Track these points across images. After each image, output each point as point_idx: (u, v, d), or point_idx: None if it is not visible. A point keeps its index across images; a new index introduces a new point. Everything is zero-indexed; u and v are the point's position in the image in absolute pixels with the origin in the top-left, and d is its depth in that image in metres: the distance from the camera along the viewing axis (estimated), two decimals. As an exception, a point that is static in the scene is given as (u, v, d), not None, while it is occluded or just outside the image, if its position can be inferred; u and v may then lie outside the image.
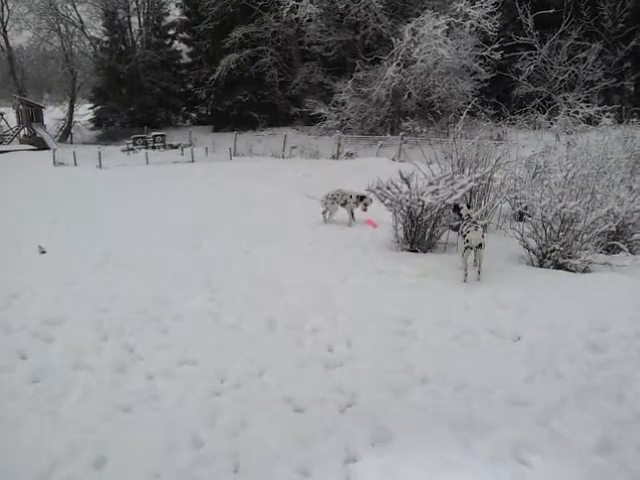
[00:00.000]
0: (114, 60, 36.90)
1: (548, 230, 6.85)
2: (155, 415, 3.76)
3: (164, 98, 38.01)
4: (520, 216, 8.84)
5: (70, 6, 37.89)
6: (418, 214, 7.59)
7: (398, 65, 24.49)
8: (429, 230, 7.84)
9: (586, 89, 25.30)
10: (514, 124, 23.01)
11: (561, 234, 6.77)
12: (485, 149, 9.26)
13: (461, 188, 7.56)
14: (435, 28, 23.24)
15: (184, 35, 39.00)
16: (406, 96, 25.36)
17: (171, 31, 39.77)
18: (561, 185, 7.00)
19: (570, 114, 23.28)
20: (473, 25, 23.89)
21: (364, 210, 9.73)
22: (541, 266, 6.97)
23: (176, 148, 27.46)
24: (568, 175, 7.10)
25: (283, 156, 24.61)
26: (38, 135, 31.87)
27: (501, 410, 3.74)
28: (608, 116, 22.26)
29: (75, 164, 22.86)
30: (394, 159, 20.27)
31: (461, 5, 24.01)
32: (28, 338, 4.99)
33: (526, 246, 7.14)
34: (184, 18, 38.40)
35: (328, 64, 31.00)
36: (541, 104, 25.22)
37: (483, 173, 8.31)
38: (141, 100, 36.94)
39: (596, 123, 21.91)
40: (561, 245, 6.77)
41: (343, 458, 3.29)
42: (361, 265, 7.20)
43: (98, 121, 39.62)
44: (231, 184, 15.61)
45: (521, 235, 7.16)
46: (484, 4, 23.80)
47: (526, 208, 7.89)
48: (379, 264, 7.17)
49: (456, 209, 7.31)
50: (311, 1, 26.36)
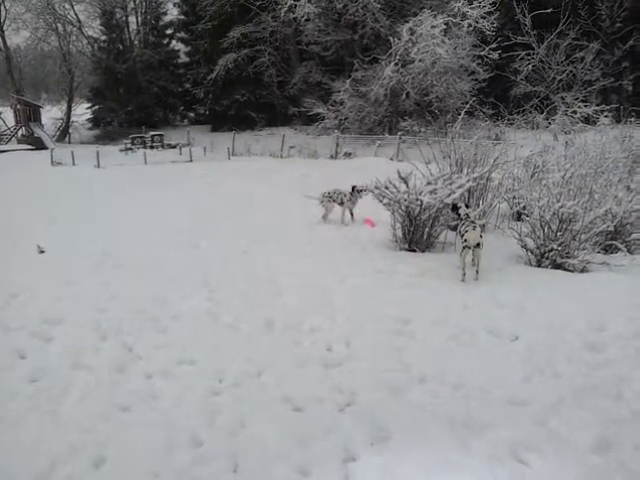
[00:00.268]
0: (112, 59, 36.89)
1: (546, 230, 6.86)
2: (154, 415, 3.77)
3: (162, 98, 38.00)
4: (518, 216, 8.87)
5: (68, 5, 37.93)
6: (416, 214, 7.60)
7: (396, 65, 24.51)
8: (427, 230, 7.85)
9: (584, 89, 25.34)
10: (512, 124, 23.09)
11: (559, 234, 6.79)
12: (483, 149, 9.29)
13: (459, 188, 7.58)
14: (433, 28, 23.26)
15: (182, 35, 39.00)
16: (404, 96, 25.39)
17: (169, 30, 39.77)
18: (559, 185, 7.02)
19: (568, 114, 23.33)
20: (471, 25, 23.93)
21: (359, 197, 9.68)
22: (539, 266, 6.98)
23: (174, 148, 27.45)
24: (566, 175, 7.11)
25: (281, 156, 24.60)
26: (36, 135, 31.81)
27: (499, 409, 3.75)
28: (606, 116, 22.30)
29: (73, 164, 22.86)
30: (392, 159, 20.29)
31: (459, 5, 24.04)
32: (27, 338, 4.98)
33: (524, 246, 7.15)
34: (182, 18, 38.40)
35: (326, 63, 31.00)
36: (539, 104, 25.27)
37: (481, 173, 8.32)
38: (139, 100, 36.93)
39: (594, 123, 21.95)
40: (559, 245, 6.78)
41: (342, 457, 3.30)
42: (359, 265, 7.21)
43: (96, 121, 39.61)
44: (229, 184, 15.61)
45: (519, 235, 7.17)
46: (482, 4, 23.83)
47: (524, 208, 7.91)
48: (377, 263, 7.18)
49: (454, 209, 7.31)
50: (309, 0, 26.37)
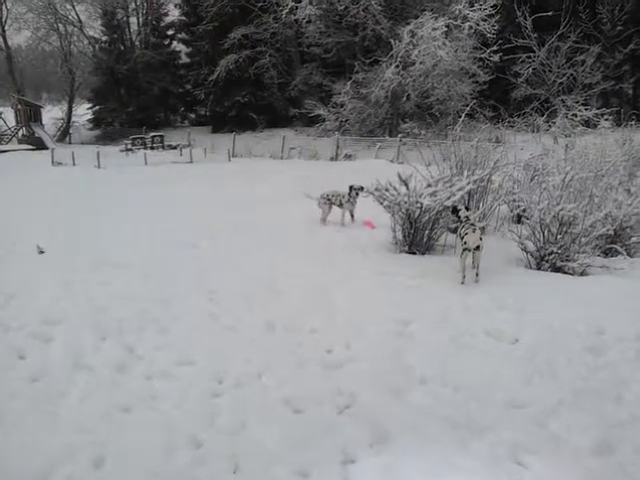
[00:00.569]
0: (113, 60, 36.98)
1: (546, 233, 6.86)
2: (154, 415, 3.76)
3: (163, 98, 38.07)
4: (518, 218, 8.87)
5: (69, 6, 38.07)
6: (416, 216, 7.60)
7: (397, 67, 24.55)
8: (427, 232, 7.85)
9: (584, 92, 25.38)
10: (512, 126, 23.13)
11: (559, 237, 6.79)
12: (483, 151, 9.29)
13: (459, 190, 7.58)
14: (434, 30, 23.31)
15: (183, 35, 39.10)
16: (405, 98, 25.44)
17: (170, 31, 39.86)
18: (559, 188, 7.02)
19: (568, 117, 23.37)
20: (472, 27, 23.99)
21: (357, 196, 9.62)
22: (539, 269, 6.98)
23: (175, 149, 27.50)
24: (566, 178, 7.11)
25: (282, 157, 24.64)
26: (36, 135, 31.87)
27: (499, 411, 3.75)
28: (606, 119, 22.31)
29: (73, 164, 22.90)
30: (393, 161, 20.32)
31: (460, 7, 24.11)
32: (27, 338, 4.97)
33: (524, 249, 7.16)
34: (183, 19, 38.48)
35: (327, 65, 31.04)
36: (539, 107, 25.28)
37: (481, 175, 8.33)
38: (140, 100, 37.00)
39: (594, 126, 21.97)
40: (559, 248, 6.79)
41: (341, 459, 3.30)
42: (360, 266, 7.21)
43: (97, 121, 39.68)
44: (230, 185, 15.62)
45: (519, 237, 7.18)
46: (483, 6, 23.90)
47: (524, 210, 7.92)
48: (378, 266, 7.18)
49: (454, 211, 7.32)
50: (310, 2, 26.44)
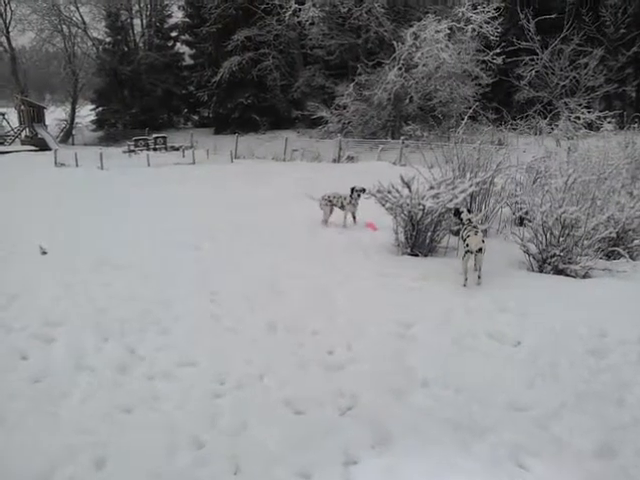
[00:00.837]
0: (116, 61, 37.09)
1: (548, 235, 6.85)
2: (156, 416, 3.77)
3: (166, 100, 38.15)
4: (520, 221, 8.86)
5: (73, 7, 38.22)
6: (419, 218, 7.60)
7: (400, 69, 24.57)
8: (430, 234, 7.84)
9: (587, 94, 25.35)
10: (515, 129, 23.09)
11: (561, 239, 6.78)
12: (486, 154, 9.28)
13: (462, 192, 7.58)
14: (437, 32, 23.33)
15: (186, 37, 39.21)
16: (407, 100, 25.46)
17: (173, 33, 39.95)
18: (562, 190, 7.01)
19: (571, 119, 23.34)
20: (475, 30, 24.01)
21: (358, 196, 9.61)
22: (541, 271, 6.97)
23: (177, 150, 27.56)
24: (569, 180, 7.10)
25: (284, 159, 24.66)
26: (40, 136, 31.94)
27: (501, 414, 3.74)
28: (609, 122, 22.26)
29: (76, 165, 22.93)
30: (395, 163, 20.33)
31: (463, 10, 24.14)
32: (29, 339, 4.98)
33: (526, 251, 7.14)
34: (186, 20, 38.58)
35: (330, 67, 31.08)
36: (542, 109, 25.27)
37: (484, 178, 8.32)
38: (143, 102, 37.08)
39: (597, 129, 21.93)
40: (561, 250, 6.78)
41: (343, 460, 3.30)
42: (361, 268, 7.20)
43: (100, 122, 39.77)
44: (232, 186, 15.64)
45: (521, 240, 7.17)
46: (486, 9, 23.92)
47: (527, 213, 7.91)
48: (380, 267, 7.18)
49: (457, 213, 7.31)
50: (313, 4, 26.49)
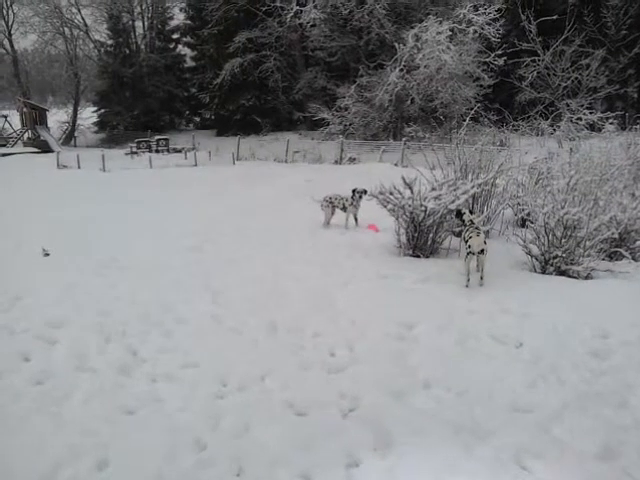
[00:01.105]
0: (118, 64, 37.16)
1: (550, 236, 6.85)
2: (158, 418, 3.77)
3: (168, 102, 38.20)
4: (523, 222, 8.85)
5: (75, 10, 38.37)
6: (421, 219, 7.60)
7: (401, 70, 24.58)
8: (431, 235, 7.84)
9: (589, 95, 25.33)
10: (517, 130, 23.06)
11: (563, 240, 6.77)
12: (488, 155, 9.29)
13: (464, 194, 7.58)
14: (438, 34, 23.34)
15: (188, 39, 39.30)
16: (409, 101, 25.46)
17: (175, 35, 40.03)
18: (564, 192, 7.01)
19: (573, 120, 23.32)
20: (476, 31, 23.99)
21: (359, 198, 9.62)
22: (543, 272, 6.97)
23: (179, 152, 27.59)
24: (571, 182, 7.10)
25: (286, 161, 24.66)
26: (42, 138, 31.99)
27: (503, 415, 3.74)
28: (611, 123, 22.26)
29: (78, 167, 22.94)
30: (397, 164, 20.32)
31: (464, 11, 24.13)
32: (31, 340, 4.99)
33: (528, 252, 7.14)
34: (188, 22, 38.67)
35: (331, 69, 31.11)
36: (544, 110, 25.26)
37: (486, 179, 8.32)
38: (145, 104, 37.12)
39: (599, 130, 21.91)
40: (563, 252, 6.77)
41: (345, 462, 3.30)
42: (363, 269, 7.20)
43: (102, 124, 39.84)
44: (234, 188, 15.66)
45: (523, 241, 7.16)
46: (487, 10, 23.92)
47: (529, 214, 7.90)
48: (381, 269, 7.17)
49: (458, 215, 7.31)
50: (315, 6, 26.51)
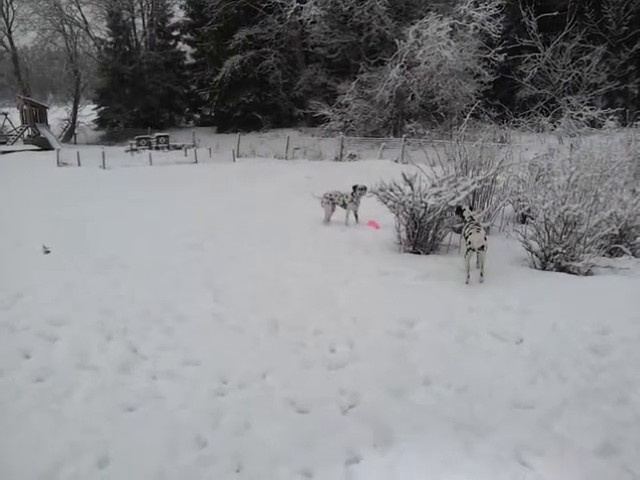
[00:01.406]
0: (118, 61, 37.08)
1: (551, 233, 6.85)
2: (159, 415, 3.78)
3: (168, 99, 38.13)
4: (523, 218, 8.86)
5: (75, 7, 38.22)
6: (421, 216, 7.60)
7: (402, 67, 24.53)
8: (432, 232, 7.84)
9: (590, 92, 25.28)
10: (517, 126, 23.01)
11: (564, 237, 6.77)
12: (488, 151, 9.28)
13: (464, 190, 7.58)
14: (439, 30, 23.27)
15: (188, 36, 39.17)
16: (409, 98, 25.42)
17: (175, 32, 39.90)
18: (564, 188, 7.01)
19: (574, 117, 23.27)
20: (477, 27, 23.94)
21: (361, 195, 9.61)
22: (544, 269, 6.97)
23: (179, 149, 27.56)
24: (571, 178, 7.10)
25: (286, 157, 24.63)
26: (42, 135, 31.94)
27: (503, 412, 3.74)
28: (612, 119, 22.21)
29: (79, 164, 22.93)
30: (397, 161, 20.29)
31: (465, 7, 24.06)
32: (32, 337, 4.99)
33: (529, 248, 7.14)
34: (188, 19, 38.56)
35: (332, 66, 31.01)
36: (544, 107, 25.21)
37: (486, 175, 8.32)
38: (145, 101, 37.05)
39: (600, 126, 21.85)
40: (564, 248, 6.77)
41: (345, 459, 3.30)
42: (363, 266, 7.21)
43: (102, 122, 39.74)
44: (234, 185, 15.65)
45: (524, 237, 7.16)
46: (488, 6, 23.84)
47: (529, 210, 7.90)
48: (382, 265, 7.18)
49: (459, 211, 7.31)
50: (315, 3, 26.43)
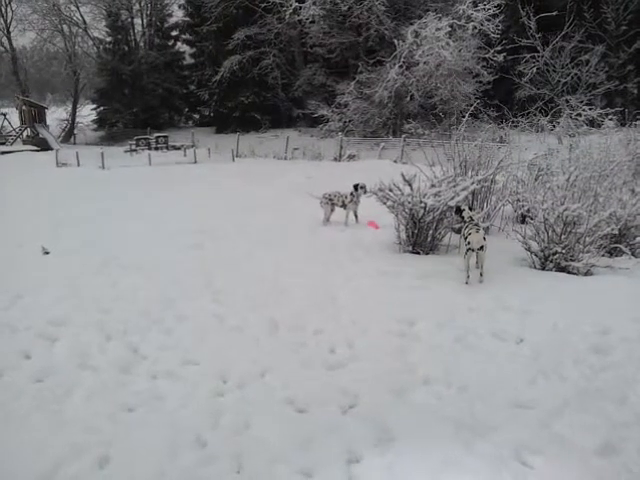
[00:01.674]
0: (117, 61, 37.04)
1: (550, 233, 6.85)
2: (159, 415, 3.78)
3: (167, 99, 38.11)
4: (522, 218, 8.86)
5: (73, 7, 38.17)
6: (420, 216, 7.60)
7: (400, 67, 24.54)
8: (431, 232, 7.85)
9: (589, 92, 25.29)
10: (516, 126, 22.99)
11: (563, 237, 6.78)
12: (487, 151, 9.28)
13: (463, 190, 7.58)
14: (438, 30, 23.28)
15: (187, 36, 39.11)
16: (408, 98, 25.42)
17: (174, 32, 39.83)
18: (563, 188, 7.01)
19: (573, 117, 23.27)
20: (476, 27, 23.94)
21: (361, 194, 9.62)
22: (543, 269, 6.97)
23: (179, 149, 27.52)
24: (570, 178, 7.11)
25: (285, 158, 24.62)
26: (41, 136, 31.91)
27: (504, 412, 3.75)
28: (611, 119, 22.19)
29: (78, 165, 22.92)
30: (396, 161, 20.30)
31: (464, 7, 24.06)
32: (32, 338, 5.00)
33: (528, 249, 7.14)
34: (187, 19, 38.50)
35: (331, 66, 31.00)
36: (544, 107, 25.20)
37: (485, 175, 8.32)
38: (144, 101, 37.02)
39: (599, 126, 21.85)
40: (563, 248, 6.77)
41: (346, 459, 3.31)
42: (363, 266, 7.21)
43: (101, 122, 39.72)
44: (233, 185, 15.64)
45: (523, 237, 7.17)
46: (487, 6, 23.84)
47: (528, 210, 7.90)
48: (381, 265, 7.18)
49: (458, 211, 7.31)
50: (314, 3, 26.41)
